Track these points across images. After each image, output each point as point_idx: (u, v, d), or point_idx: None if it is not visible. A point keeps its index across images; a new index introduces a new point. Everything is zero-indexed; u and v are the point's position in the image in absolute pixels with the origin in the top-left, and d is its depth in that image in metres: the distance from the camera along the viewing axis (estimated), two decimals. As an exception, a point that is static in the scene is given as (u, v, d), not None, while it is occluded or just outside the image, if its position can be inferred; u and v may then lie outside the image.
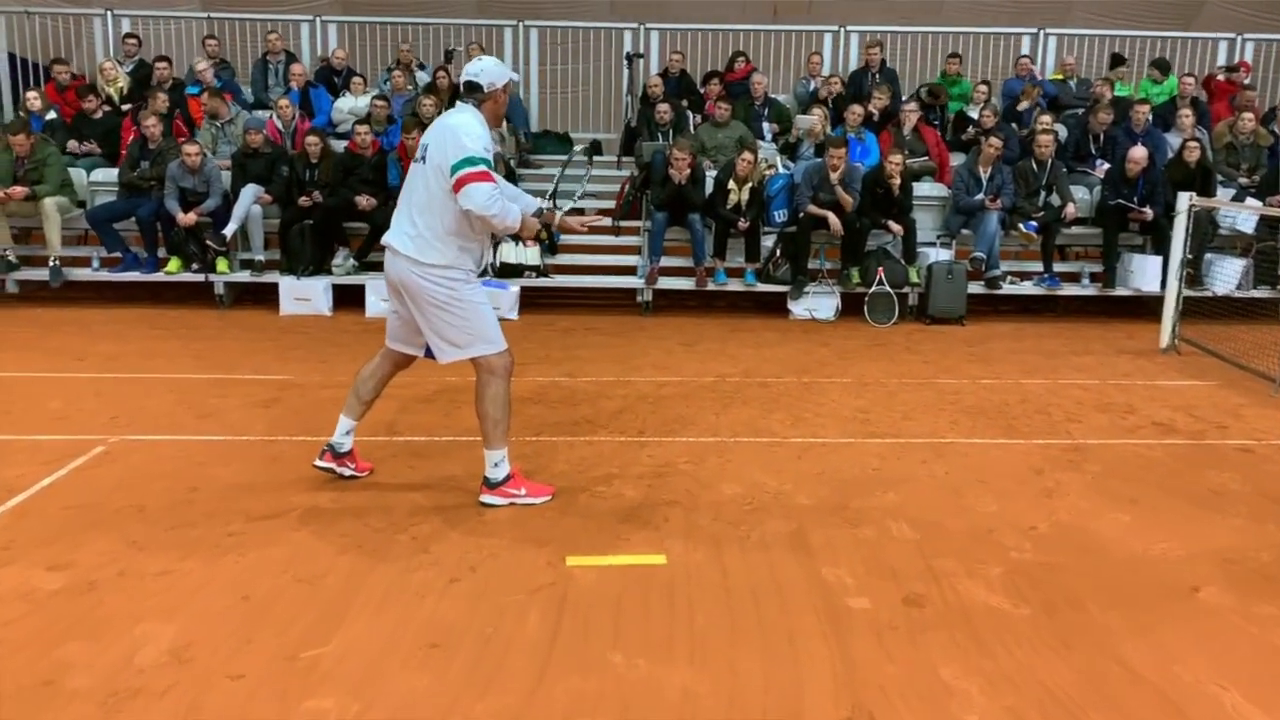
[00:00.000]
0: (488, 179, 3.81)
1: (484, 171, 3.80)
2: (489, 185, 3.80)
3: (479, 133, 3.88)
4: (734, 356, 7.29)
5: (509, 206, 3.92)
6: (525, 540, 3.79)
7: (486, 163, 3.83)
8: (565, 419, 5.49)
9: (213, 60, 10.98)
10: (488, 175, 3.81)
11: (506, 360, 4.12)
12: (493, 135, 4.09)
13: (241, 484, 4.37)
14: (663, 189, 8.98)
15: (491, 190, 3.83)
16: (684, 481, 4.49)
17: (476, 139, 3.85)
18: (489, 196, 3.82)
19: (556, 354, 7.26)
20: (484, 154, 3.84)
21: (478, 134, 3.87)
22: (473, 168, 3.79)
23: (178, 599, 3.24)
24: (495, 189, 3.84)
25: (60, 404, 5.56)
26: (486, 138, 3.91)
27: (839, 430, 5.37)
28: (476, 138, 3.86)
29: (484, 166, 3.81)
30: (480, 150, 3.83)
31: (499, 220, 3.88)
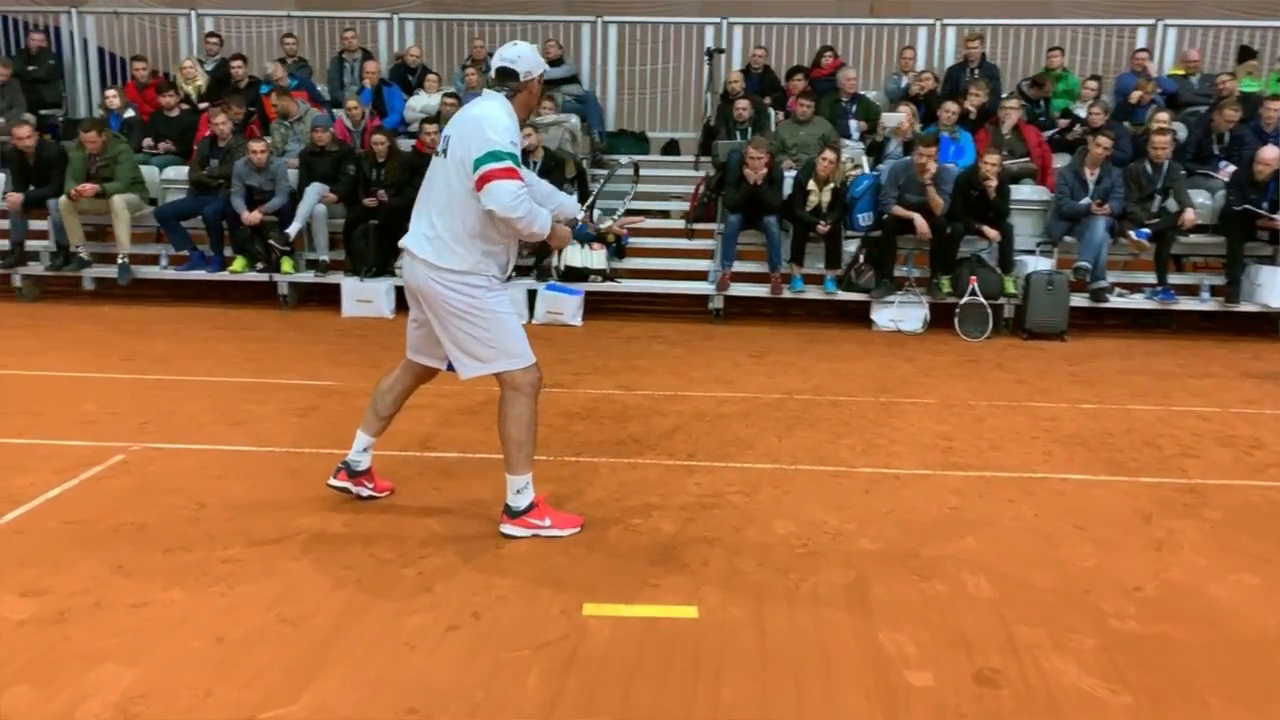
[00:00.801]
0: (513, 176, 3.40)
1: (509, 168, 3.39)
2: (514, 184, 3.40)
3: (506, 124, 3.48)
4: (806, 371, 6.75)
5: (536, 210, 3.51)
6: (541, 581, 3.36)
7: (514, 158, 3.43)
8: (611, 437, 5.06)
9: (291, 59, 10.93)
10: (513, 172, 3.40)
11: (533, 377, 3.71)
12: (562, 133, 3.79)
13: (253, 501, 4.06)
14: (737, 190, 8.49)
15: (517, 190, 3.42)
16: (732, 516, 4.00)
17: (503, 131, 3.44)
18: (514, 196, 3.42)
19: (615, 364, 6.84)
20: (511, 148, 3.43)
21: (504, 126, 3.47)
22: (497, 163, 3.38)
23: (147, 638, 2.91)
24: (522, 188, 3.43)
25: (94, 407, 5.38)
26: (514, 131, 3.50)
27: (915, 460, 4.81)
28: (503, 130, 3.45)
29: (510, 162, 3.41)
30: (507, 144, 3.42)
31: (524, 224, 3.48)
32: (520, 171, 3.45)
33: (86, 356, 6.68)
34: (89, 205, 8.69)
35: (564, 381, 6.23)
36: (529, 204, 3.48)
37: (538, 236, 3.58)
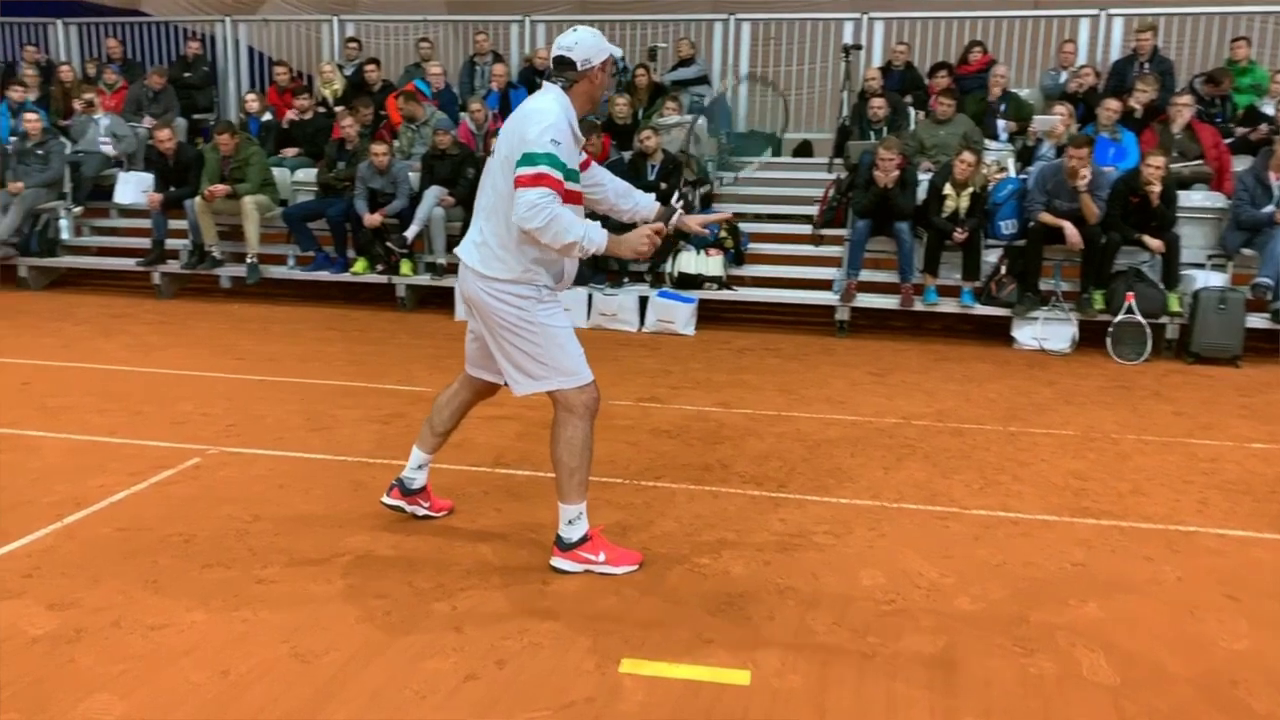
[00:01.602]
0: (539, 184, 3.04)
1: (537, 174, 3.04)
2: (534, 192, 3.04)
3: (550, 122, 3.14)
4: (931, 393, 6.16)
5: (567, 224, 3.09)
6: (582, 626, 3.02)
7: (549, 160, 3.07)
8: (697, 461, 4.67)
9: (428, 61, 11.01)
10: (541, 179, 3.04)
11: (588, 397, 3.37)
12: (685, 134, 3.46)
13: (308, 515, 3.89)
14: (866, 194, 7.93)
15: (535, 199, 3.04)
16: (813, 560, 3.55)
17: (544, 130, 3.11)
18: (529, 207, 3.05)
19: (720, 378, 6.43)
20: (549, 148, 3.08)
21: (548, 124, 3.13)
22: (527, 168, 3.06)
23: (152, 666, 2.73)
24: (543, 196, 3.04)
25: (191, 407, 5.39)
26: (560, 127, 3.15)
27: (1039, 502, 4.21)
28: (545, 129, 3.12)
29: (544, 166, 3.06)
30: (545, 144, 3.08)
31: (549, 238, 3.10)
32: (552, 175, 3.07)
33: (201, 355, 6.79)
34: (222, 205, 8.93)
35: (659, 396, 5.88)
36: (548, 213, 3.06)
37: (583, 251, 3.17)
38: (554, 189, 3.06)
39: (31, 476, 4.23)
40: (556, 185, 3.07)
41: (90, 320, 7.96)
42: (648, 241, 3.29)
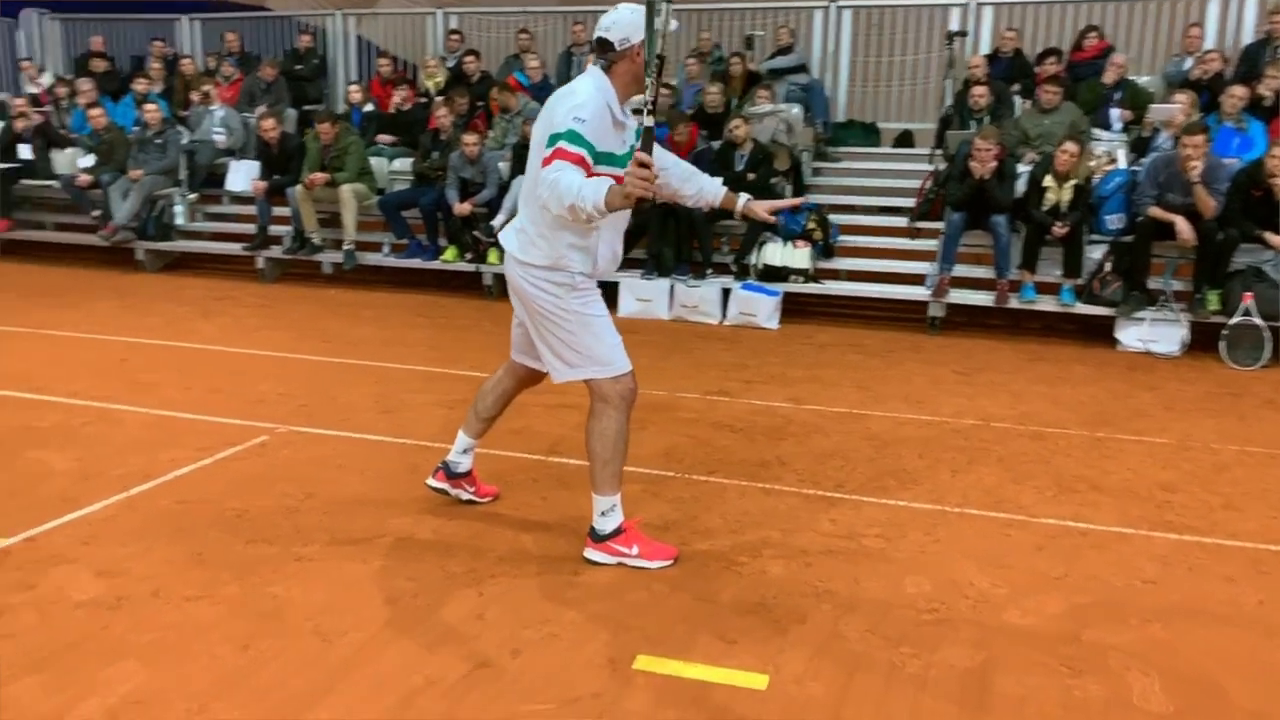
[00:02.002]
0: (558, 157, 2.96)
1: (555, 150, 2.96)
2: (548, 170, 2.94)
3: (579, 101, 3.07)
4: (1018, 394, 5.87)
5: (565, 187, 2.87)
6: (604, 619, 2.96)
7: (570, 137, 2.97)
8: (755, 457, 4.55)
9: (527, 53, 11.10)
10: (558, 153, 2.96)
11: (624, 388, 3.30)
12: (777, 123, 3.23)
13: (360, 495, 3.94)
14: (961, 185, 7.61)
15: (545, 176, 2.93)
16: (858, 565, 3.41)
17: (573, 109, 3.03)
18: (543, 184, 2.94)
19: (796, 373, 6.27)
20: (573, 125, 2.99)
21: (577, 103, 3.06)
22: (550, 148, 2.99)
23: (179, 638, 2.80)
24: (555, 170, 2.92)
25: (268, 386, 5.55)
26: (591, 106, 3.07)
27: (1116, 513, 3.95)
28: (572, 108, 3.04)
29: (563, 142, 2.96)
30: (568, 123, 3.00)
31: (556, 207, 2.92)
32: (569, 150, 2.94)
33: (291, 337, 7.00)
34: (322, 193, 9.20)
35: (730, 390, 5.76)
36: (550, 180, 2.91)
37: (583, 211, 2.86)
38: (569, 162, 2.96)
39: (111, 448, 4.42)
40: (573, 159, 2.96)
41: (194, 301, 8.31)
42: (638, 180, 2.79)
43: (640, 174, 2.76)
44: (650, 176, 2.77)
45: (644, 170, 2.76)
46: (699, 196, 3.63)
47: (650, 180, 2.76)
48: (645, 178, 2.75)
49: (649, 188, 2.76)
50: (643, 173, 2.76)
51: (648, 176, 2.75)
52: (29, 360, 5.98)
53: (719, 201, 3.64)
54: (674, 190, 3.62)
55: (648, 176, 2.75)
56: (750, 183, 8.26)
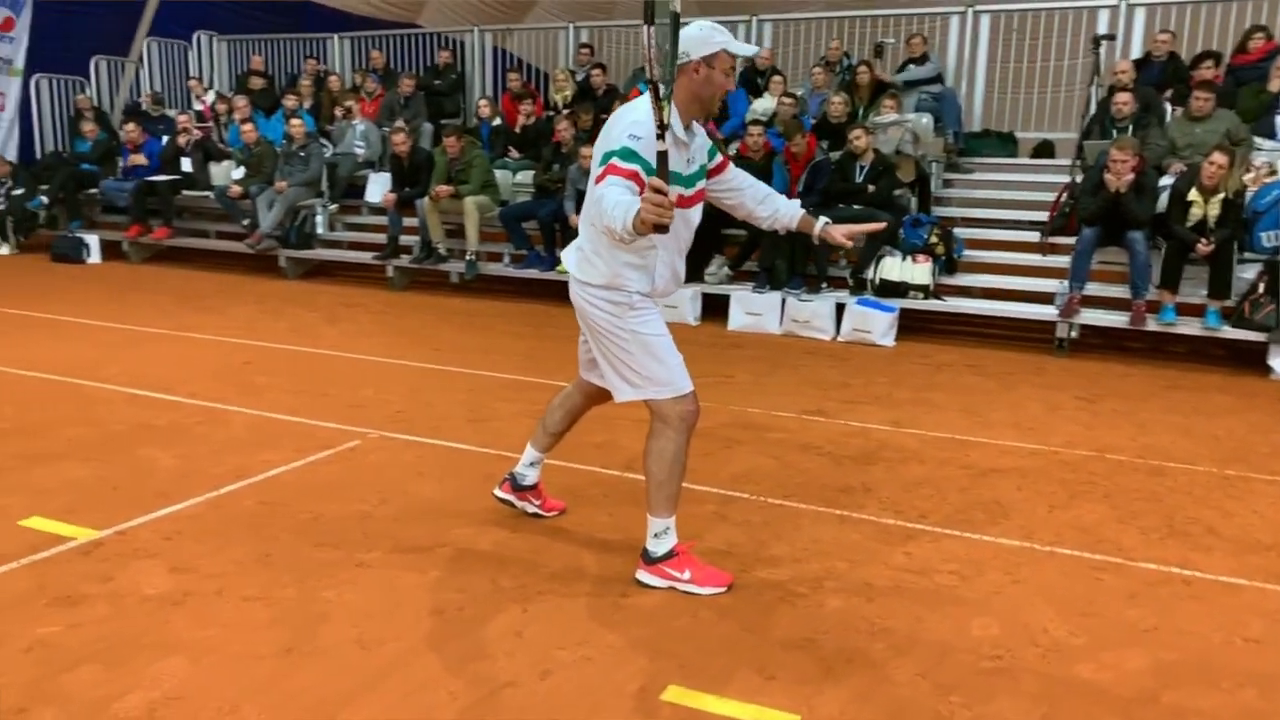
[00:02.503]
0: (613, 172, 2.90)
1: (606, 168, 2.92)
2: (606, 183, 2.87)
3: (635, 119, 3.01)
4: (1144, 425, 5.45)
5: (609, 205, 2.79)
6: (643, 645, 2.88)
7: (623, 154, 2.91)
8: (838, 482, 4.37)
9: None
10: (613, 168, 2.91)
11: (684, 409, 3.22)
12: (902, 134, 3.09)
13: (432, 503, 4.00)
14: (1094, 198, 7.15)
15: (601, 189, 2.87)
16: (924, 603, 3.21)
17: (626, 126, 2.98)
18: (596, 202, 2.89)
19: (903, 394, 6.02)
20: (626, 142, 2.94)
21: (637, 119, 3.00)
22: (609, 161, 2.94)
23: (231, 636, 2.89)
24: (610, 186, 2.85)
25: (371, 392, 5.73)
26: (647, 124, 3.00)
27: (1230, 562, 3.59)
28: (628, 125, 2.99)
29: (615, 159, 2.91)
30: (623, 140, 2.95)
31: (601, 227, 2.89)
32: (622, 166, 2.88)
33: (404, 343, 7.22)
34: (448, 205, 9.48)
35: (827, 410, 5.58)
36: (600, 199, 2.84)
37: (624, 235, 2.74)
38: (620, 177, 2.90)
39: (213, 447, 4.65)
40: (624, 174, 2.90)
41: (324, 308, 8.70)
42: (651, 206, 2.61)
43: (654, 199, 2.62)
44: (664, 203, 2.62)
45: (657, 196, 2.62)
46: (774, 219, 3.52)
47: (665, 207, 2.65)
48: (659, 204, 2.62)
49: (663, 214, 2.64)
50: (656, 198, 2.62)
51: (662, 203, 2.62)
52: (162, 362, 6.37)
53: (795, 224, 3.51)
54: (749, 211, 3.53)
55: (662, 203, 2.62)
56: (870, 195, 8.02)
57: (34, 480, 4.13)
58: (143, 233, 11.34)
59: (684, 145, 3.15)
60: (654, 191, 2.62)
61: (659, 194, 2.61)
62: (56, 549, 3.46)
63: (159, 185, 11.35)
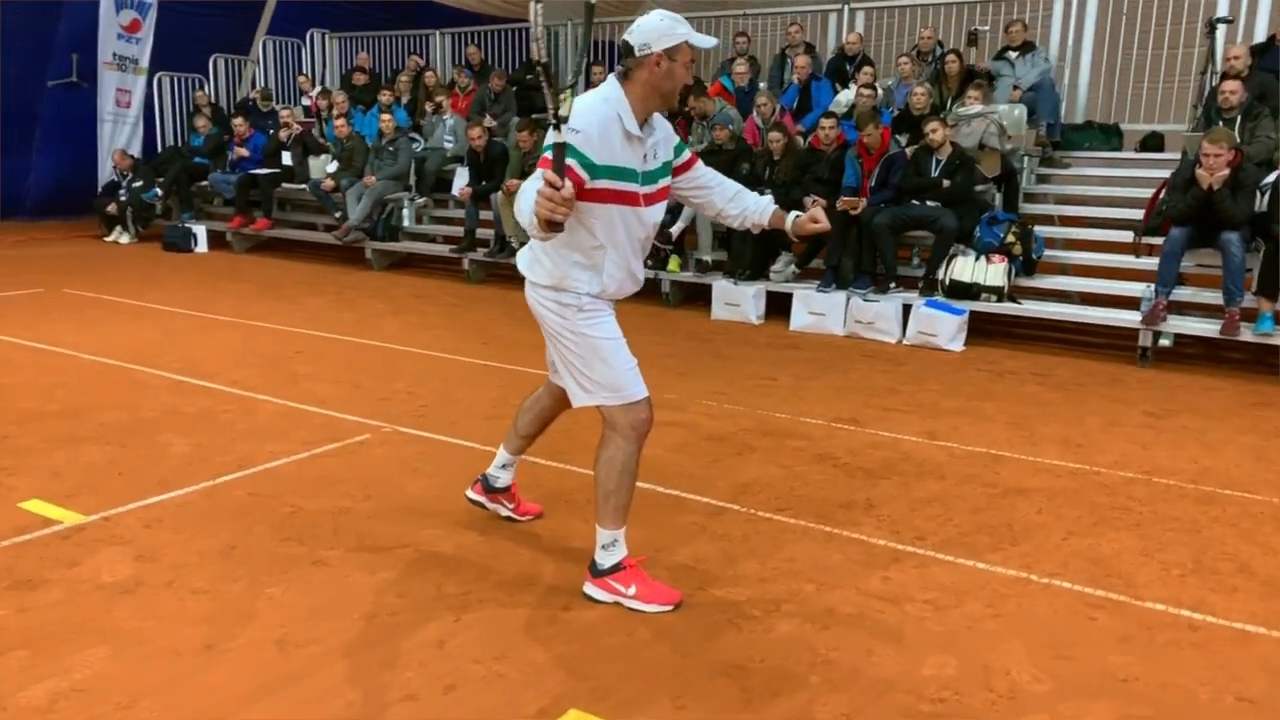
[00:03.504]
0: (544, 166, 2.78)
1: (542, 158, 2.80)
2: (533, 176, 2.74)
3: (580, 110, 2.88)
4: (1211, 446, 4.97)
5: (527, 202, 2.68)
6: (565, 663, 2.76)
7: (563, 148, 2.81)
8: (842, 496, 4.13)
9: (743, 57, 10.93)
10: (543, 162, 2.78)
11: (635, 417, 3.08)
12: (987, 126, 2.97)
13: (410, 501, 3.98)
14: (1184, 196, 6.58)
15: (526, 185, 2.76)
16: (881, 635, 2.97)
17: (571, 120, 2.86)
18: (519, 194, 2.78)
19: (951, 403, 5.67)
20: (566, 136, 2.82)
21: (578, 112, 2.88)
22: (543, 154, 2.83)
23: (162, 629, 2.91)
24: (532, 180, 2.72)
25: (404, 385, 5.77)
26: (593, 118, 2.87)
27: (1253, 607, 3.20)
28: (573, 118, 2.87)
29: (546, 153, 2.80)
30: (565, 134, 2.83)
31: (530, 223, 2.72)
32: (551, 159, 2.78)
33: (457, 337, 7.27)
34: (521, 199, 9.50)
35: (862, 418, 5.30)
36: (522, 192, 2.76)
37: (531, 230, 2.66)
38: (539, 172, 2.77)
39: (230, 436, 4.76)
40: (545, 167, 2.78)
41: (396, 299, 8.86)
42: (543, 201, 2.53)
43: (545, 193, 2.51)
44: (556, 198, 2.50)
45: (549, 190, 2.51)
46: (743, 216, 3.34)
47: (556, 202, 2.51)
48: (550, 198, 2.51)
49: (555, 209, 2.52)
50: (548, 192, 2.51)
51: (553, 197, 2.50)
52: (219, 349, 6.59)
53: (767, 221, 3.32)
54: (718, 210, 3.37)
55: (553, 197, 2.50)
56: (944, 191, 7.62)
57: (51, 462, 4.31)
58: (245, 224, 11.85)
59: (638, 140, 3.00)
60: (547, 185, 2.49)
61: (552, 188, 2.48)
62: (40, 532, 3.58)
63: (260, 178, 11.83)
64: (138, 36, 13.63)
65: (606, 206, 2.95)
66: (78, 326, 7.17)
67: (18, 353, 6.36)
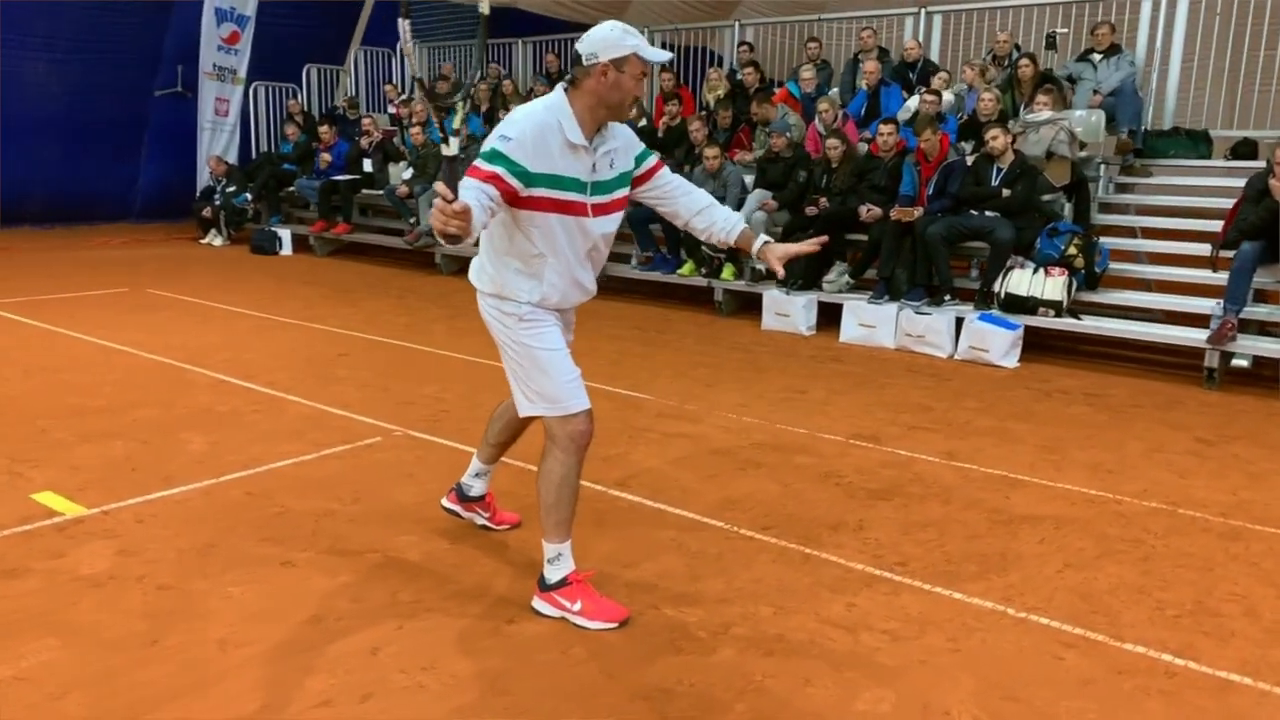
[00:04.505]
0: (470, 174, 2.77)
1: (471, 166, 2.79)
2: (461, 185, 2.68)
3: (516, 117, 2.88)
4: (1257, 477, 4.64)
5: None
6: (489, 677, 2.73)
7: (490, 156, 2.80)
8: (832, 517, 3.99)
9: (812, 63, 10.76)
10: (471, 170, 2.78)
11: (574, 429, 3.04)
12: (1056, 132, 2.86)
13: (395, 507, 4.01)
14: (1256, 208, 6.15)
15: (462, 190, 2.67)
16: (827, 664, 2.85)
17: (502, 125, 2.87)
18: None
19: (983, 422, 5.43)
20: (493, 144, 2.82)
21: (514, 119, 2.87)
22: (473, 162, 2.82)
23: (116, 623, 3.00)
24: (463, 189, 2.66)
25: (431, 389, 5.85)
26: (528, 125, 2.85)
27: (1246, 655, 2.95)
28: (506, 124, 2.87)
29: (480, 160, 2.79)
30: (493, 140, 2.83)
31: None
32: (481, 168, 2.75)
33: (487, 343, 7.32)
34: (581, 206, 9.54)
35: (883, 435, 5.13)
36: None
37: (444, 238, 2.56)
38: (476, 179, 2.75)
39: (250, 436, 4.90)
40: (482, 176, 2.75)
41: (454, 304, 9.00)
42: (436, 213, 2.49)
43: (437, 206, 2.49)
44: (446, 210, 2.47)
45: (440, 202, 2.48)
46: (710, 230, 3.26)
47: (447, 215, 2.48)
48: (441, 210, 2.48)
49: (447, 223, 2.49)
50: (439, 204, 2.48)
51: (444, 209, 2.48)
52: (268, 350, 6.81)
53: (734, 239, 3.24)
54: (685, 221, 3.30)
55: (444, 209, 2.48)
56: (1004, 201, 7.33)
57: (74, 456, 4.51)
58: (326, 228, 12.24)
59: (583, 150, 2.96)
60: (440, 199, 2.48)
61: (444, 201, 2.47)
62: (41, 523, 3.74)
63: (341, 184, 12.21)
64: (236, 48, 14.25)
65: (545, 215, 2.92)
66: (148, 326, 7.52)
67: (85, 349, 6.70)
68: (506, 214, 2.92)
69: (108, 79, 13.39)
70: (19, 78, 12.75)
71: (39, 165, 13.17)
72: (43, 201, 13.54)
